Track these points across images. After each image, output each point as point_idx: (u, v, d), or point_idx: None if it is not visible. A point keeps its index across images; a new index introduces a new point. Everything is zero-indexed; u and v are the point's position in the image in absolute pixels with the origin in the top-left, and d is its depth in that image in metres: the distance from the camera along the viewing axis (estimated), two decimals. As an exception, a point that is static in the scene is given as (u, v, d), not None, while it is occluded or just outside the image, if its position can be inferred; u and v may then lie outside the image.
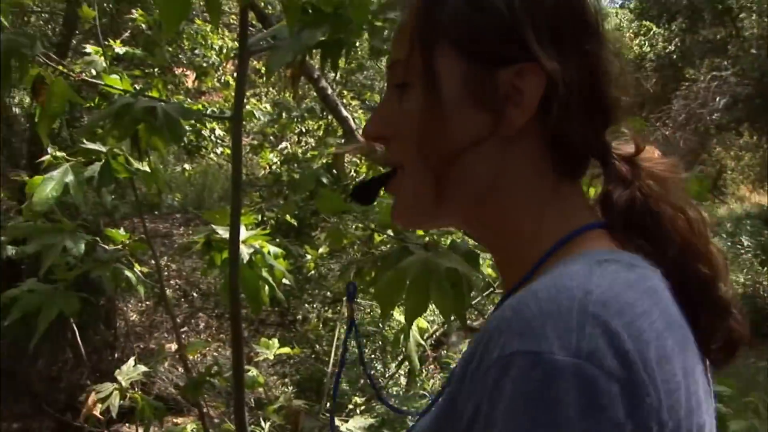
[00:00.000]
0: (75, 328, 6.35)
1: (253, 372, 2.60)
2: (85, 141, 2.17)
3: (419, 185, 0.72)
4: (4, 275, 7.89)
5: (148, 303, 8.77)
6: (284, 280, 2.08)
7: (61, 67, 2.04)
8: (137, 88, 2.44)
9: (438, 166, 0.69)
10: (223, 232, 2.00)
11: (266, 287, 2.00)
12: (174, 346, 8.37)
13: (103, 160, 2.15)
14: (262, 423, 3.05)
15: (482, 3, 0.68)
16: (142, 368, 2.28)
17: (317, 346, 7.22)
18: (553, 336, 0.52)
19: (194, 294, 9.25)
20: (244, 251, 1.91)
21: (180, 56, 7.47)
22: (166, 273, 8.34)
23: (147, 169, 2.22)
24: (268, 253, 2.00)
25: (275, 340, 2.83)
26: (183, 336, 8.13)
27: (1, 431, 7.44)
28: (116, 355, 8.48)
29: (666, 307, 0.61)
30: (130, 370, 2.27)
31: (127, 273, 2.34)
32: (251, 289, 1.94)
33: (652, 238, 0.68)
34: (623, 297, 0.57)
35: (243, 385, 1.95)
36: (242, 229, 1.98)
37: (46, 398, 7.88)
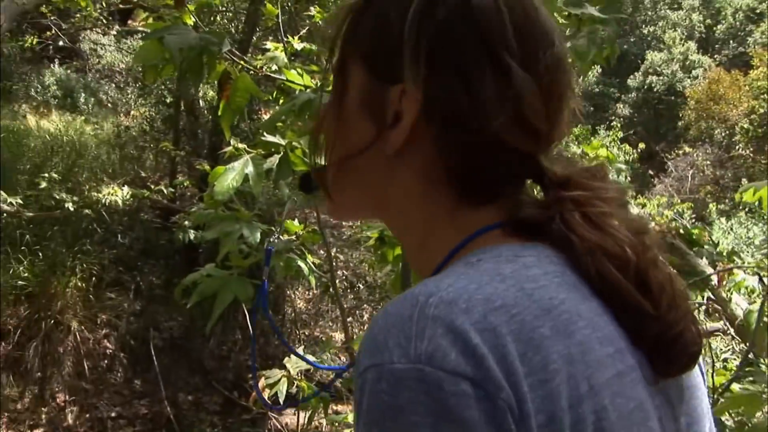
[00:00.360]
0: (246, 312, 6.64)
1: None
2: (265, 134, 2.23)
3: (326, 181, 0.77)
4: (184, 258, 8.42)
5: (315, 292, 9.03)
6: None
7: (243, 63, 2.11)
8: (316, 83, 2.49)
9: (333, 165, 0.75)
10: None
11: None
12: (338, 335, 8.57)
13: (282, 153, 2.21)
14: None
15: (384, 21, 0.70)
16: (311, 358, 2.32)
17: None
18: (394, 345, 0.54)
19: (360, 285, 9.43)
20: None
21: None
22: (333, 264, 8.57)
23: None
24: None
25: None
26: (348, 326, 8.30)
27: (177, 402, 7.91)
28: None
29: (548, 292, 0.60)
30: (298, 360, 2.32)
31: (300, 263, 2.39)
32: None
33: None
34: (479, 292, 0.57)
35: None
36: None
37: (216, 375, 8.32)
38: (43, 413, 7.43)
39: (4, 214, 7.32)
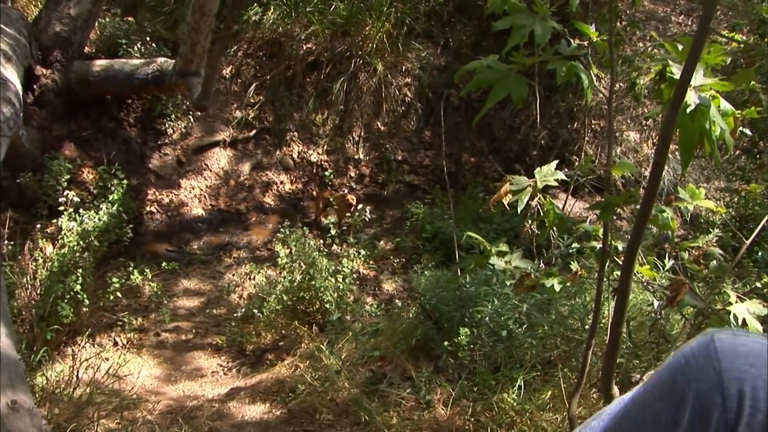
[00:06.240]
0: (538, 94, 6.56)
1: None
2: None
3: None
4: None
5: (621, 84, 8.59)
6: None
7: None
8: None
9: None
10: (677, 70, 1.80)
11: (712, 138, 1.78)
12: (633, 135, 8.25)
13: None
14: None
15: None
16: (560, 175, 2.26)
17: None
18: None
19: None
20: (692, 98, 1.71)
21: None
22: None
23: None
24: (718, 107, 1.76)
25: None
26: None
27: (459, 161, 8.25)
28: (575, 126, 8.64)
29: None
30: (548, 173, 2.27)
31: (581, 74, 2.26)
32: (685, 139, 1.76)
33: None
34: None
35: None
36: (700, 72, 1.77)
37: (502, 144, 8.50)
38: (338, 142, 8.18)
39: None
